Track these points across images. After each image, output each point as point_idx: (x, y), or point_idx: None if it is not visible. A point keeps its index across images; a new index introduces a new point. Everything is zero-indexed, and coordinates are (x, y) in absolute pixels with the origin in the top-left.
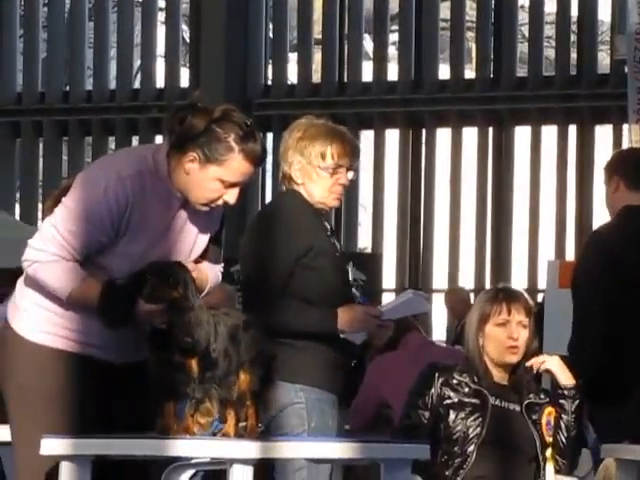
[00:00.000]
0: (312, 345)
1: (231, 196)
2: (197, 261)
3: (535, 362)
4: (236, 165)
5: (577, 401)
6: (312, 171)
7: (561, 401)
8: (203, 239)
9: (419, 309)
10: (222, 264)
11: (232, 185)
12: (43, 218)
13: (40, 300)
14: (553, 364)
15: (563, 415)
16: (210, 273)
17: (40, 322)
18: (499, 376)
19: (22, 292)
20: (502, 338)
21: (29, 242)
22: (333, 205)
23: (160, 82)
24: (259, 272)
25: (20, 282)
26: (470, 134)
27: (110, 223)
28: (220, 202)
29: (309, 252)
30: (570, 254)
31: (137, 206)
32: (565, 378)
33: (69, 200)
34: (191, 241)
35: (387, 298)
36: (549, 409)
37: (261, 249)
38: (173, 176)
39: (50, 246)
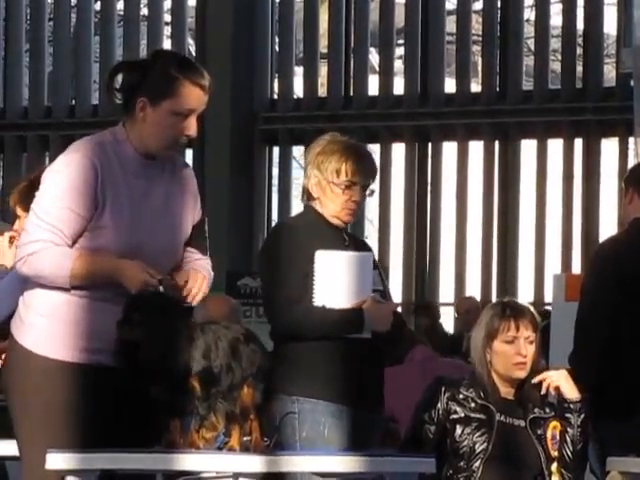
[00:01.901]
0: (308, 355)
1: (191, 128)
2: (188, 243)
3: (544, 381)
4: (185, 91)
5: (583, 415)
6: (327, 186)
7: (567, 415)
8: (187, 218)
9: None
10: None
11: (188, 115)
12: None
13: (44, 310)
14: (560, 378)
15: (569, 429)
16: (204, 271)
17: (46, 334)
18: (505, 391)
19: (25, 306)
20: (510, 354)
21: (18, 244)
22: (347, 221)
23: None
24: (276, 281)
25: (23, 296)
26: (476, 148)
27: (87, 195)
28: (183, 139)
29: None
30: (576, 267)
31: (105, 174)
32: (571, 392)
33: (41, 191)
34: (177, 218)
35: None
36: (554, 423)
37: (273, 260)
38: (131, 136)
39: (37, 234)
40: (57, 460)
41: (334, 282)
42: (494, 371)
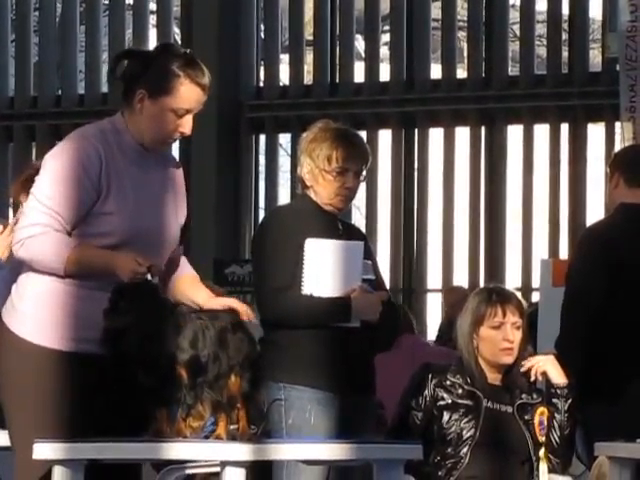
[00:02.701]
0: (296, 342)
1: (186, 126)
2: (181, 240)
3: (531, 367)
4: (185, 90)
5: (570, 400)
6: (319, 174)
7: (554, 400)
8: (179, 214)
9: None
10: None
11: (185, 114)
12: (13, 204)
13: (36, 298)
14: (546, 363)
15: (556, 414)
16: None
17: (37, 322)
18: (492, 377)
19: (18, 293)
20: (497, 340)
21: (17, 227)
22: (341, 207)
23: None
24: (266, 268)
25: (16, 283)
26: (463, 133)
27: (89, 181)
28: (177, 135)
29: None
30: (564, 252)
31: (108, 160)
32: (557, 377)
33: (42, 175)
34: (172, 210)
35: None
36: (541, 409)
37: (265, 246)
38: (130, 126)
39: (37, 218)
40: (44, 450)
41: (323, 270)
42: (481, 357)
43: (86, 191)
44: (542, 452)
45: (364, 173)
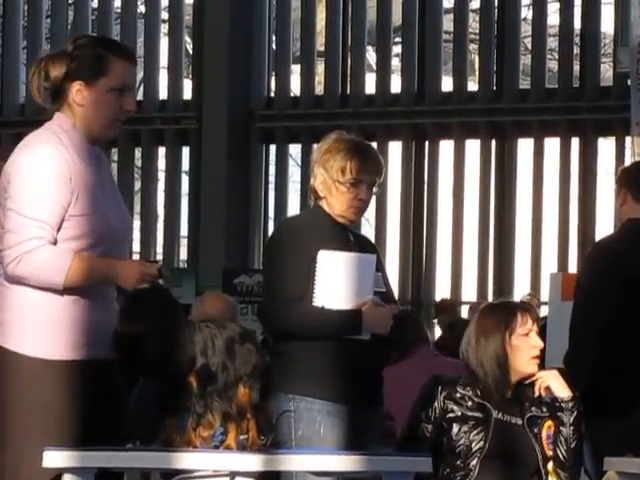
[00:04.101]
0: (306, 354)
1: (130, 103)
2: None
3: (535, 382)
4: (117, 67)
5: (575, 413)
6: (332, 185)
7: (559, 414)
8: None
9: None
10: None
11: (124, 91)
12: None
13: (26, 308)
14: (550, 378)
15: (562, 428)
16: None
17: (29, 333)
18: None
19: (6, 306)
20: (527, 348)
21: (3, 247)
22: (353, 219)
23: (163, 94)
24: (278, 279)
25: (2, 297)
26: (473, 146)
27: (63, 183)
28: (122, 115)
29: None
30: (573, 266)
31: (70, 161)
32: (562, 390)
33: (16, 188)
34: (124, 204)
35: None
36: (549, 422)
37: (276, 257)
38: (76, 122)
39: (27, 233)
40: (54, 458)
41: (334, 283)
42: (512, 368)
43: (64, 195)
44: (551, 466)
45: (377, 185)
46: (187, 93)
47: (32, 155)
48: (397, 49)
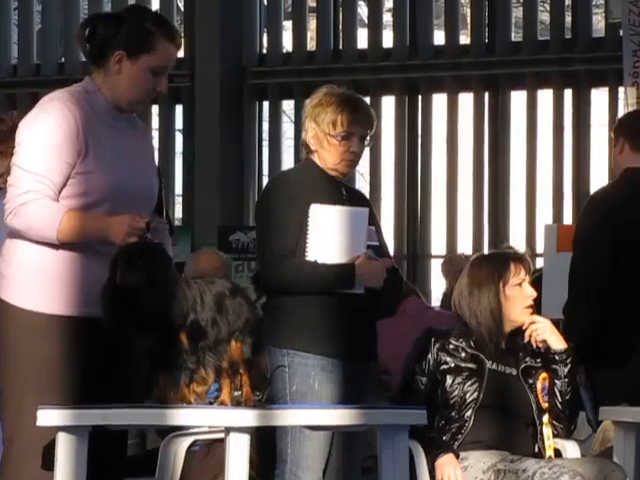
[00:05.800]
0: (300, 309)
1: (163, 84)
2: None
3: (530, 335)
4: (162, 47)
5: (569, 365)
6: (324, 139)
7: (553, 366)
8: (155, 177)
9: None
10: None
11: (161, 72)
12: None
13: (27, 264)
14: (544, 331)
15: (556, 380)
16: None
17: (29, 288)
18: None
19: (8, 259)
20: (521, 298)
21: (5, 200)
22: (346, 172)
23: None
24: (270, 234)
25: (4, 250)
26: (466, 99)
27: (70, 142)
28: (154, 94)
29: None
30: (568, 218)
31: (83, 121)
32: (556, 342)
33: (22, 143)
34: (150, 169)
35: None
36: (544, 374)
37: (269, 212)
38: (104, 88)
39: (27, 186)
40: (49, 416)
41: (327, 237)
42: (506, 319)
43: (68, 152)
44: (546, 418)
45: (369, 138)
46: (179, 51)
47: (38, 111)
48: (389, 3)
